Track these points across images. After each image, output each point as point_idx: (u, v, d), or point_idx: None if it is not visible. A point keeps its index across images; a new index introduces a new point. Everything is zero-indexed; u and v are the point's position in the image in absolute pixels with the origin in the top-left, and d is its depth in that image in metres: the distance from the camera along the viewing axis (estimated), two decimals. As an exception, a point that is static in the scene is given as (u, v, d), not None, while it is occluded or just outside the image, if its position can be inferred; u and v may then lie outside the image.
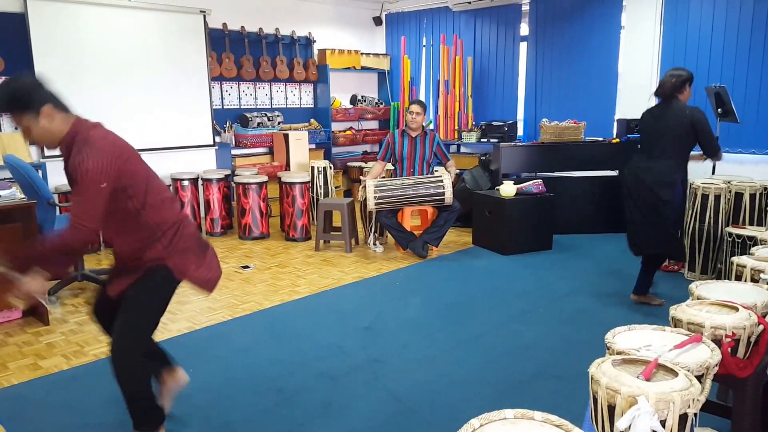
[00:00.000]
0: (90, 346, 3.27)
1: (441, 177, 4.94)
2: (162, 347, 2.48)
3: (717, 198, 4.21)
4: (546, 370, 2.94)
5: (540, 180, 5.31)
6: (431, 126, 7.60)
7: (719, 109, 4.79)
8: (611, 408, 1.38)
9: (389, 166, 5.49)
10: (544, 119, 6.05)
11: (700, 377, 1.53)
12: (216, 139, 6.73)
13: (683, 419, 1.35)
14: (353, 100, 8.21)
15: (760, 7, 5.27)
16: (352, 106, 8.17)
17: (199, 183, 6.02)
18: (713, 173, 4.86)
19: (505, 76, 7.31)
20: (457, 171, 5.55)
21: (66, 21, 5.44)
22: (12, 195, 3.57)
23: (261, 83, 7.26)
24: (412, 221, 5.28)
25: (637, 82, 6.14)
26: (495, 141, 6.62)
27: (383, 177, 5.36)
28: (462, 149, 7.51)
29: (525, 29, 7.09)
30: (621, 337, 1.76)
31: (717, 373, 1.61)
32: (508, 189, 5.13)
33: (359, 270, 4.71)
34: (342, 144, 7.96)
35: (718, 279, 3.84)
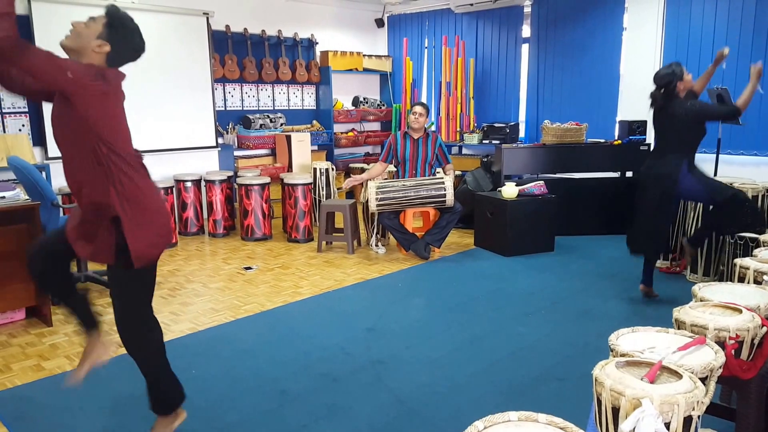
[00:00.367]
0: (93, 347, 3.27)
1: (442, 179, 4.94)
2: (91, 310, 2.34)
3: (719, 200, 4.21)
4: (549, 371, 2.94)
5: (542, 181, 5.31)
6: (433, 127, 7.61)
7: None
8: (615, 410, 1.38)
9: (391, 167, 5.50)
10: (545, 121, 6.05)
11: (704, 379, 1.53)
12: (219, 141, 6.74)
13: (688, 422, 1.35)
14: (355, 101, 8.22)
15: (762, 9, 5.27)
16: (354, 107, 8.18)
17: (202, 184, 6.03)
18: (715, 175, 4.86)
19: (507, 77, 7.32)
20: (457, 173, 5.56)
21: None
22: (16, 196, 3.58)
23: (263, 85, 7.27)
24: (414, 223, 5.28)
25: (639, 83, 6.13)
26: (497, 142, 6.62)
27: (385, 178, 5.37)
28: (464, 151, 7.51)
29: (527, 31, 7.09)
30: (624, 339, 1.76)
31: (720, 375, 1.61)
32: (509, 190, 5.14)
33: (361, 271, 4.71)
34: (344, 145, 7.97)
35: (720, 281, 3.84)
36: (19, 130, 5.41)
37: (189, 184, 5.87)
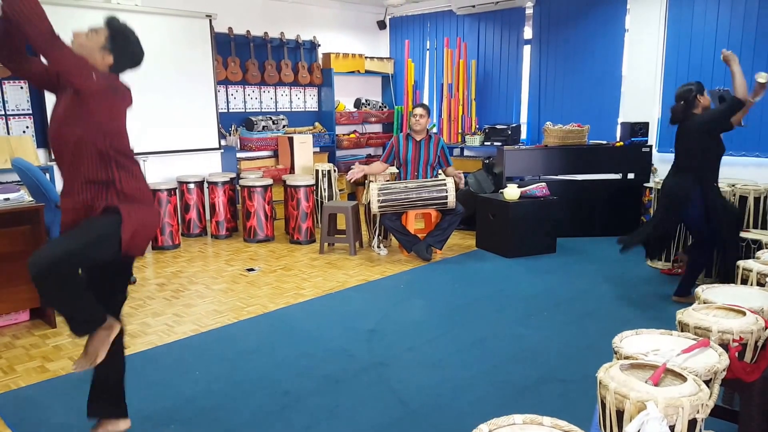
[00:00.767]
0: (97, 348, 3.28)
1: (444, 180, 4.95)
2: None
3: (721, 201, 4.21)
4: (551, 373, 2.94)
5: (543, 183, 5.31)
6: (435, 129, 7.62)
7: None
8: (620, 413, 1.39)
9: (392, 169, 5.50)
10: (547, 122, 6.06)
11: (708, 382, 1.53)
12: (221, 143, 6.75)
13: (692, 424, 1.35)
14: (357, 103, 8.23)
15: (764, 11, 5.27)
16: (356, 109, 8.19)
17: (205, 186, 6.04)
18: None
19: (509, 79, 7.32)
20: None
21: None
22: (20, 198, 3.59)
23: (266, 87, 7.29)
24: (416, 224, 5.29)
25: (641, 85, 6.15)
26: (498, 144, 6.63)
27: (387, 180, 5.37)
28: (465, 152, 7.52)
29: (528, 32, 7.10)
30: (628, 342, 1.76)
31: (724, 378, 1.62)
32: (511, 192, 5.14)
33: (363, 273, 4.72)
34: (346, 147, 7.98)
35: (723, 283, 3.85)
36: (23, 131, 5.42)
37: (192, 185, 5.88)
